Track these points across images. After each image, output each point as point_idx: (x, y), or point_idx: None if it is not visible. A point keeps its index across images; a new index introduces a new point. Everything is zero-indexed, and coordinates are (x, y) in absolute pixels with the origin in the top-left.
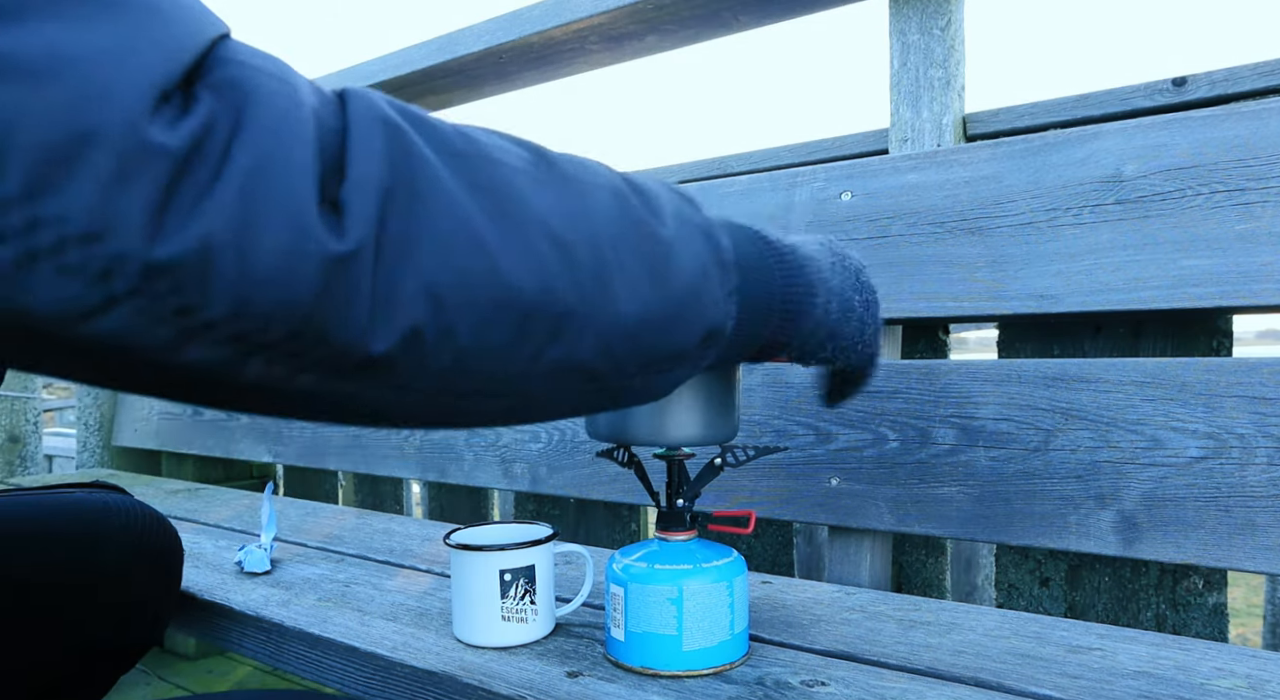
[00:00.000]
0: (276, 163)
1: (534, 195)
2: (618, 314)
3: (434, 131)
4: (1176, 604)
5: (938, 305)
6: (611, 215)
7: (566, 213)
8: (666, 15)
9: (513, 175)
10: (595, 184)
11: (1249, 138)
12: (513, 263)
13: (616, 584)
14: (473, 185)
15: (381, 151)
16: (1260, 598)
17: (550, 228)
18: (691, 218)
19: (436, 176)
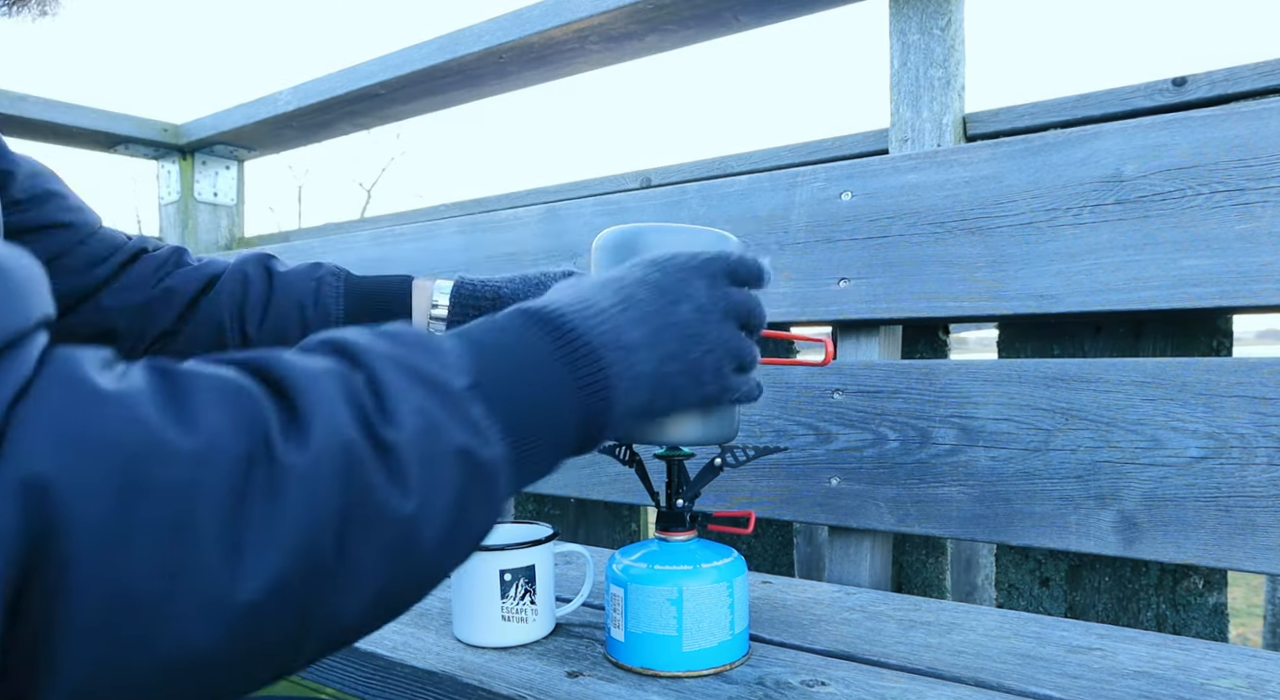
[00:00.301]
0: None
1: (238, 529)
2: (341, 619)
3: (114, 461)
4: (1177, 604)
5: (938, 305)
6: (338, 518)
7: (277, 543)
8: (666, 15)
9: (208, 506)
10: (323, 476)
11: (1249, 138)
12: (200, 629)
13: (616, 584)
14: (149, 535)
15: (18, 545)
16: (1260, 597)
17: (254, 570)
18: (445, 444)
19: (93, 549)
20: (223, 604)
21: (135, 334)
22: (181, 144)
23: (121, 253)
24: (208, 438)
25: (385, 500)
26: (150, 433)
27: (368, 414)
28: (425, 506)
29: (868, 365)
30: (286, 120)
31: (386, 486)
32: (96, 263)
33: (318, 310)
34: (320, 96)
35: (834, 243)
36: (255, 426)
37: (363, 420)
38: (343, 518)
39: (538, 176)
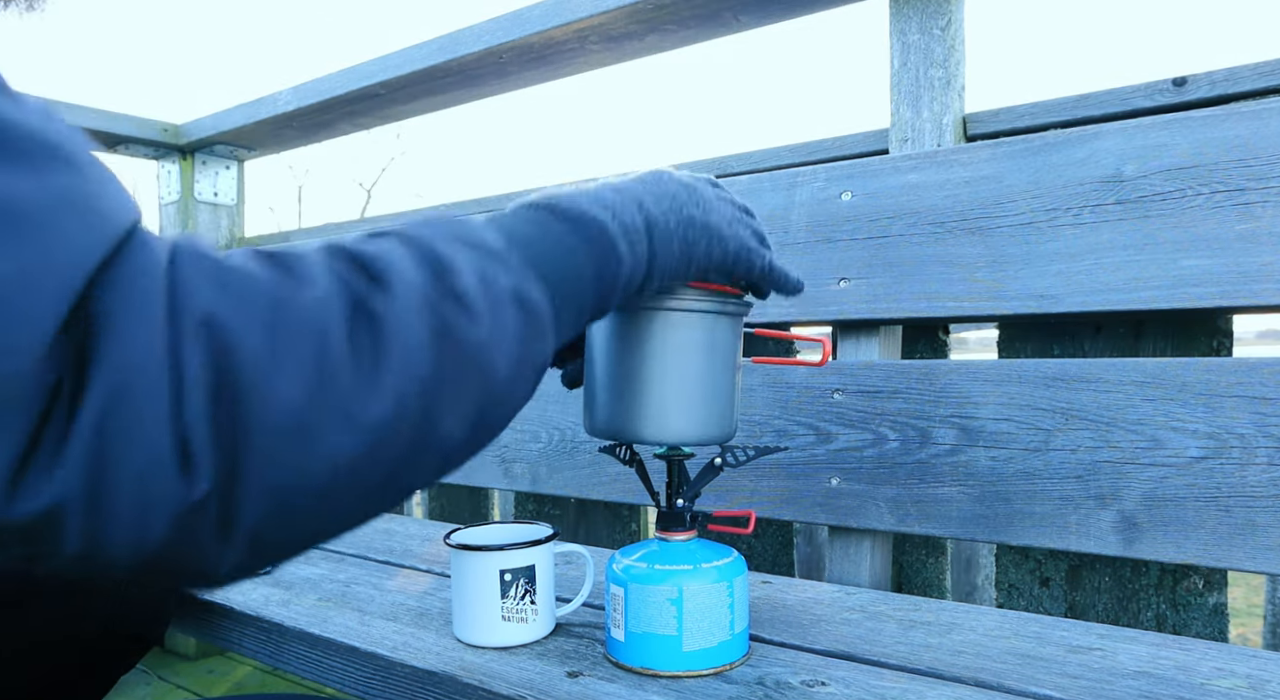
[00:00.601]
0: (127, 410)
1: (357, 359)
2: (450, 437)
3: (258, 306)
4: (1177, 604)
5: (938, 305)
6: (432, 348)
7: (390, 369)
8: (666, 15)
9: (334, 342)
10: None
11: (1249, 138)
12: (343, 441)
13: (616, 584)
14: (296, 364)
15: (207, 364)
16: (1260, 598)
17: (375, 392)
18: (501, 286)
19: (259, 373)
20: (359, 419)
21: None
22: (182, 144)
23: None
24: (321, 293)
25: (464, 331)
26: (278, 285)
27: (432, 270)
28: (494, 334)
29: (868, 365)
30: (286, 120)
31: (461, 320)
32: None
33: None
34: (320, 96)
35: (834, 243)
36: (351, 290)
37: (430, 275)
38: (433, 347)
39: (538, 177)
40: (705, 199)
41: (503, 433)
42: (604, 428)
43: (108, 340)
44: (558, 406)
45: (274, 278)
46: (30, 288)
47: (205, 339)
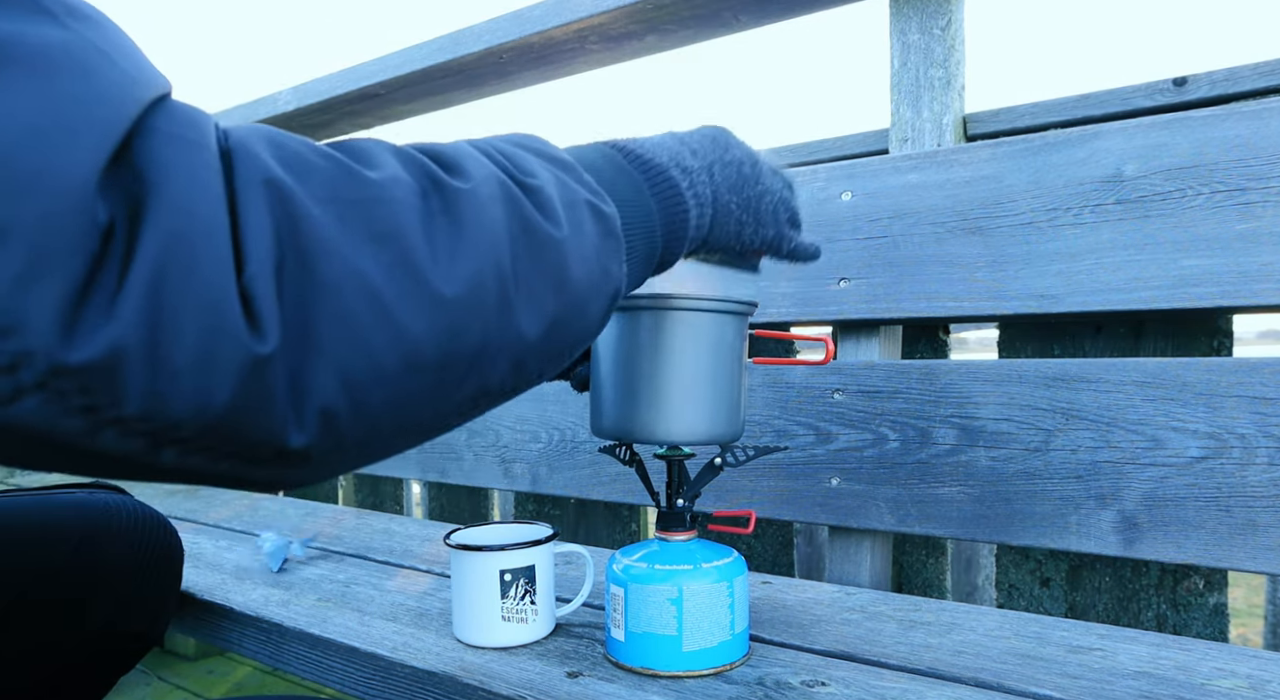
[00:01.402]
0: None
1: (432, 236)
2: (525, 334)
3: (321, 179)
4: (1177, 604)
5: (938, 305)
6: (508, 235)
7: (466, 249)
8: (666, 15)
9: (407, 217)
10: (489, 200)
11: (1249, 137)
12: (417, 319)
13: (616, 584)
14: (367, 237)
15: (270, 226)
16: (1261, 598)
17: (451, 271)
18: (576, 195)
19: (328, 242)
20: (438, 299)
21: None
22: None
23: None
24: (391, 173)
25: (541, 225)
26: (343, 164)
27: (509, 168)
28: (573, 237)
29: (868, 365)
30: (286, 120)
31: (539, 216)
32: None
33: None
34: (320, 96)
35: (834, 243)
36: (424, 171)
37: (507, 171)
38: (510, 235)
39: None
40: (763, 181)
41: (503, 432)
42: (612, 428)
43: (161, 186)
44: (557, 407)
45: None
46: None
47: (268, 200)
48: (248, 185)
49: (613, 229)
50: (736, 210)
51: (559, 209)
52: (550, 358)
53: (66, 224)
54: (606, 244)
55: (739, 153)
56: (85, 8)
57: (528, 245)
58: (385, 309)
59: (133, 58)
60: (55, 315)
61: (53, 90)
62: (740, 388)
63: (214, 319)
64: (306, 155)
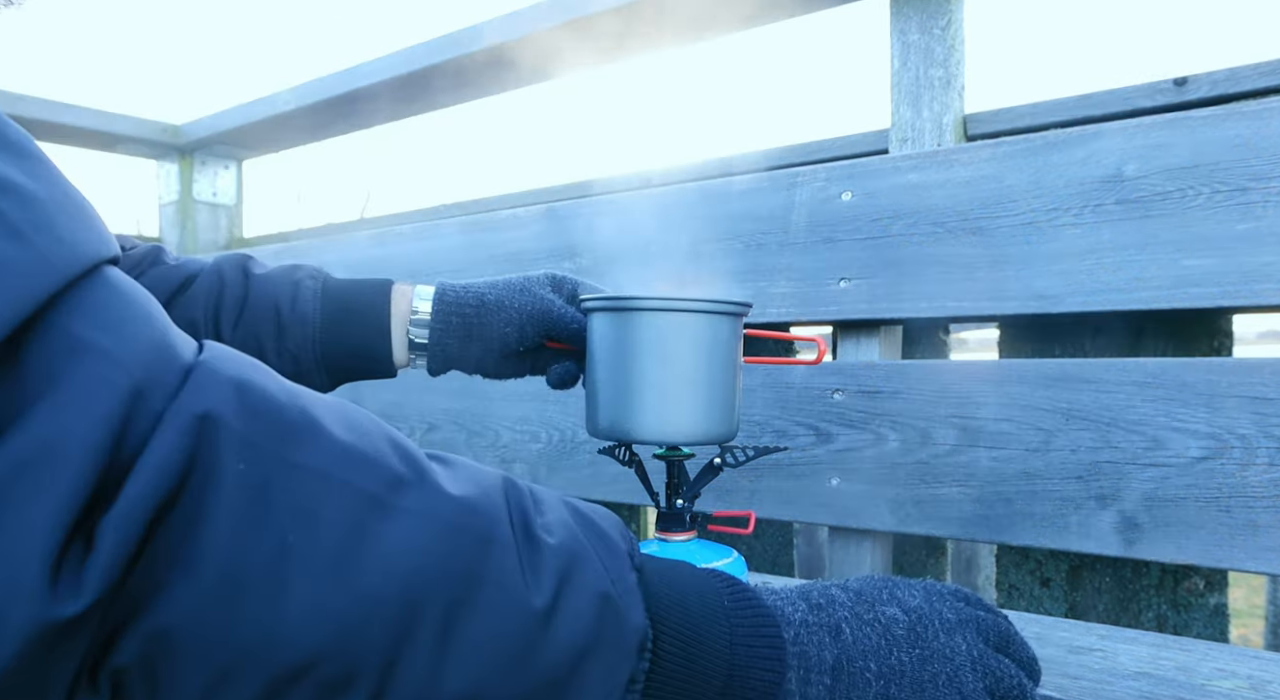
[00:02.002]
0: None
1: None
2: (438, 689)
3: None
4: (1177, 604)
5: (938, 305)
6: (456, 587)
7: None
8: (666, 15)
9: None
10: (453, 522)
11: (1250, 137)
12: (305, 622)
13: None
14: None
15: (175, 472)
16: (1262, 598)
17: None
18: (591, 571)
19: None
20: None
21: None
22: (181, 144)
23: None
24: (371, 447)
25: (516, 583)
26: (313, 420)
27: (521, 509)
28: (555, 609)
29: (868, 365)
30: (286, 120)
31: (519, 572)
32: None
33: (294, 313)
34: (320, 96)
35: (834, 243)
36: (412, 461)
37: (514, 510)
38: (465, 577)
39: (538, 176)
40: (927, 644)
41: (503, 433)
42: (607, 429)
43: (34, 400)
44: (558, 407)
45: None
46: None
47: (189, 438)
48: (177, 410)
49: (631, 642)
50: (875, 680)
51: (548, 573)
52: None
53: None
54: (604, 643)
55: (893, 610)
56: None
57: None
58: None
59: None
60: None
61: None
62: (735, 388)
63: (18, 568)
64: (271, 397)
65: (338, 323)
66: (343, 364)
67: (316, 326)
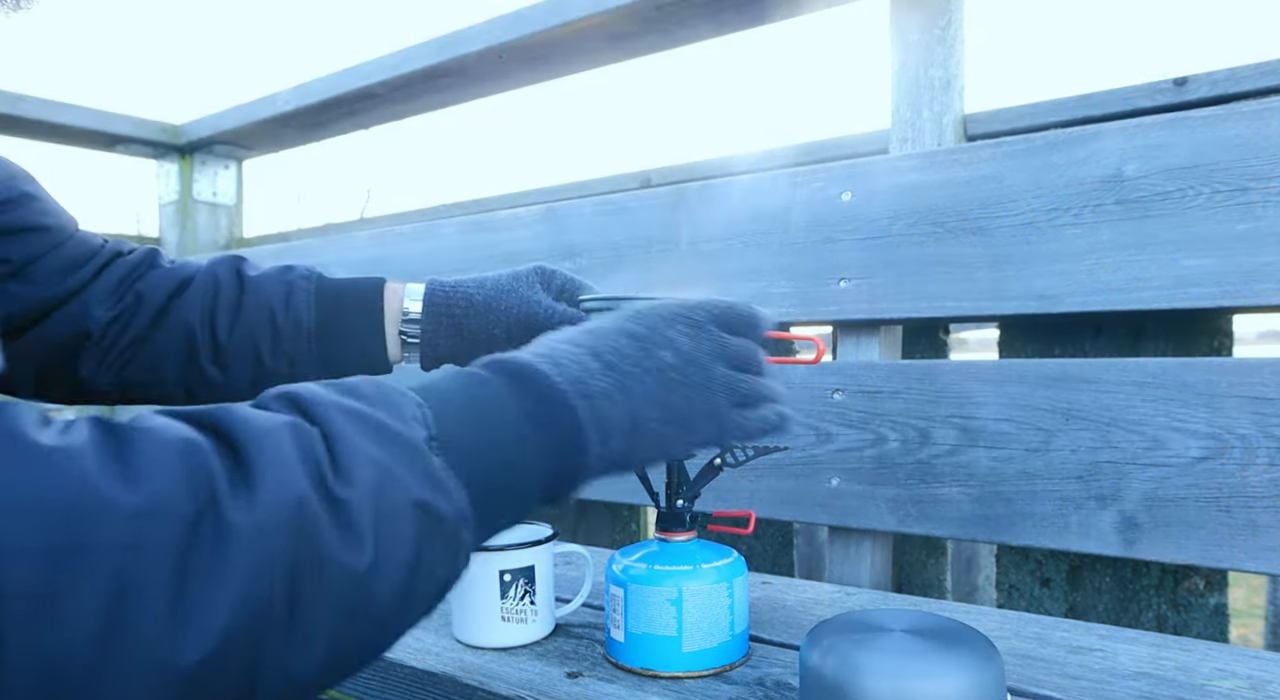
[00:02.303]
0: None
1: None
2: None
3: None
4: (1177, 604)
5: (938, 305)
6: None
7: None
8: (666, 15)
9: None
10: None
11: (1250, 137)
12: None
13: (616, 585)
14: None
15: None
16: (1262, 598)
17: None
18: (403, 497)
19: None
20: (165, 669)
21: (109, 340)
22: (181, 144)
23: (97, 258)
24: (151, 493)
25: (338, 557)
26: (88, 489)
27: (321, 469)
28: (380, 562)
29: (868, 365)
30: (286, 120)
31: (339, 543)
32: (72, 268)
33: (288, 315)
34: (320, 96)
35: (834, 243)
36: (203, 483)
37: (316, 476)
38: (293, 576)
39: (538, 176)
40: (693, 377)
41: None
42: None
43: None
44: None
45: (92, 476)
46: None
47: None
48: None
49: (445, 528)
50: (658, 426)
51: (367, 527)
52: (332, 682)
53: None
54: (432, 547)
55: (667, 354)
56: None
57: (314, 583)
58: (91, 690)
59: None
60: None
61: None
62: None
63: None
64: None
65: (332, 323)
66: (339, 363)
67: (312, 328)
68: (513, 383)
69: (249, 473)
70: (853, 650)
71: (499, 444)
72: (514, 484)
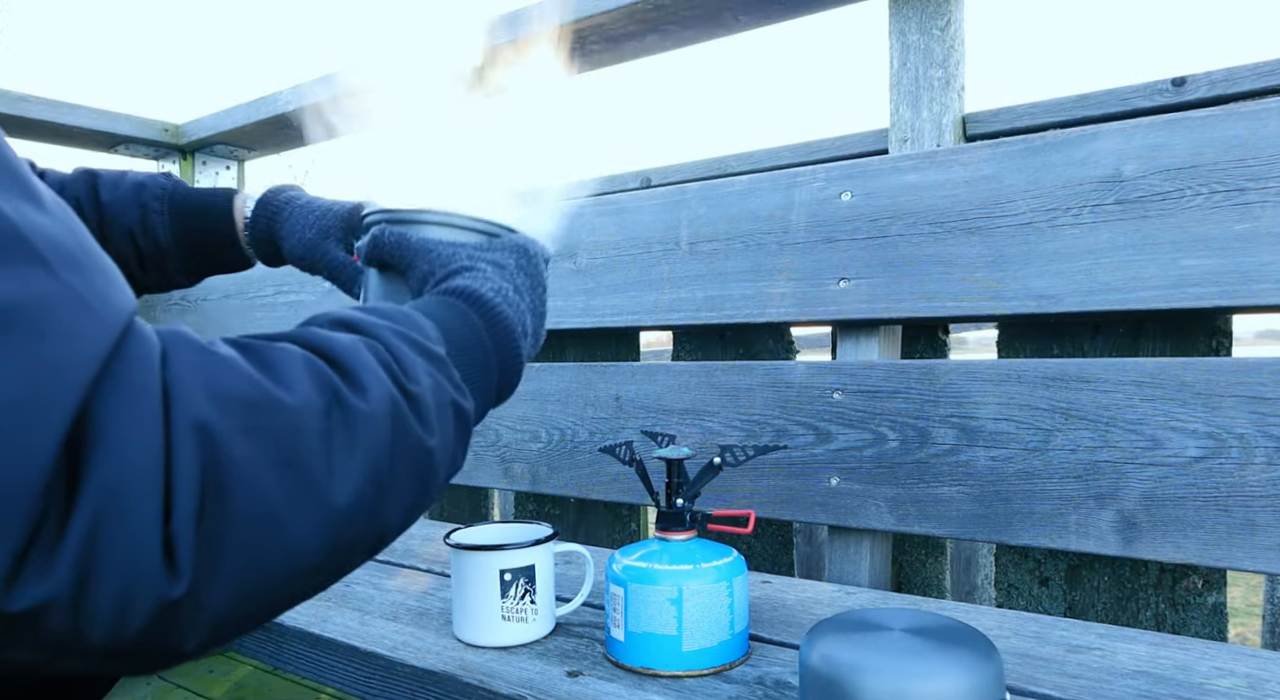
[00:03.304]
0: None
1: (330, 455)
2: (390, 526)
3: (243, 407)
4: (1176, 603)
5: (938, 305)
6: (391, 449)
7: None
8: (666, 15)
9: (312, 441)
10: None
11: (1248, 138)
12: (310, 535)
13: (616, 584)
14: (276, 464)
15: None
16: (1259, 597)
17: (344, 485)
18: (446, 397)
19: (245, 480)
20: (327, 514)
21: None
22: (182, 144)
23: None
24: (302, 392)
25: (419, 436)
26: (264, 388)
27: (396, 374)
28: (440, 442)
29: (868, 365)
30: (287, 120)
31: (418, 427)
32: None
33: (147, 237)
34: (320, 96)
35: (834, 243)
36: (326, 384)
37: (395, 379)
38: (393, 448)
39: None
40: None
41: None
42: None
43: (104, 445)
44: (558, 406)
45: (258, 379)
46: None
47: (197, 446)
48: (180, 429)
49: (468, 424)
50: (537, 329)
51: (433, 416)
52: (407, 527)
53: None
54: (461, 439)
55: (540, 278)
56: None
57: (405, 455)
58: (284, 530)
59: (104, 291)
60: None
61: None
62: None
63: (137, 568)
64: (235, 380)
65: (189, 242)
66: (203, 272)
67: (171, 248)
68: (478, 310)
69: (354, 377)
70: (852, 649)
71: (479, 359)
72: (487, 385)
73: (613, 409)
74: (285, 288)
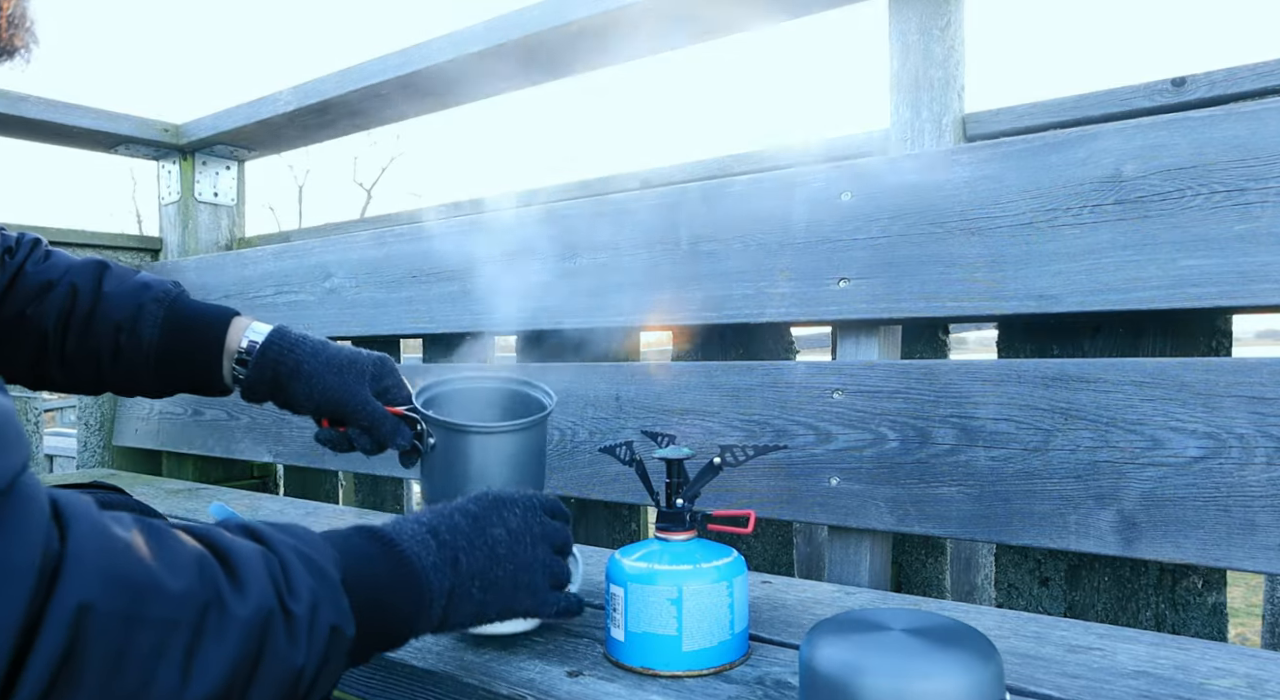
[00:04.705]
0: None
1: (195, 656)
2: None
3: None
4: (1176, 604)
5: (938, 305)
6: (257, 659)
7: (220, 668)
8: (666, 15)
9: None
10: (254, 624)
11: (1248, 138)
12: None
13: (616, 584)
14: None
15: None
16: (1259, 597)
17: (199, 689)
18: (325, 618)
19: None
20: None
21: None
22: (182, 144)
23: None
24: (186, 584)
25: (286, 651)
26: (153, 575)
27: (280, 588)
28: (307, 663)
29: (868, 365)
30: (286, 120)
31: (287, 642)
32: None
33: (132, 336)
34: (320, 96)
35: (834, 243)
36: (212, 583)
37: (278, 592)
38: (258, 657)
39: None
40: (519, 556)
41: None
42: None
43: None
44: (558, 407)
45: (150, 565)
46: None
47: (68, 630)
48: (59, 607)
49: (344, 648)
50: (478, 593)
51: (304, 636)
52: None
53: None
54: (335, 660)
55: (499, 531)
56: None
57: (270, 667)
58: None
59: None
60: None
61: None
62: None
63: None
64: (125, 566)
65: (173, 350)
66: (175, 383)
67: (152, 352)
68: (388, 558)
69: (240, 582)
70: (852, 649)
71: (381, 599)
72: (382, 630)
73: (613, 409)
74: (285, 288)
